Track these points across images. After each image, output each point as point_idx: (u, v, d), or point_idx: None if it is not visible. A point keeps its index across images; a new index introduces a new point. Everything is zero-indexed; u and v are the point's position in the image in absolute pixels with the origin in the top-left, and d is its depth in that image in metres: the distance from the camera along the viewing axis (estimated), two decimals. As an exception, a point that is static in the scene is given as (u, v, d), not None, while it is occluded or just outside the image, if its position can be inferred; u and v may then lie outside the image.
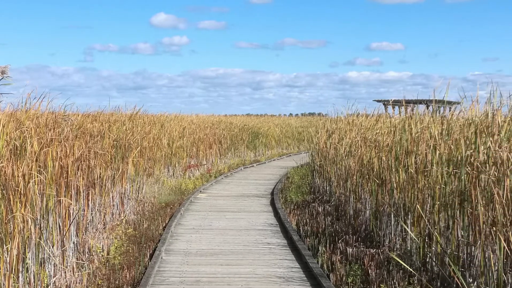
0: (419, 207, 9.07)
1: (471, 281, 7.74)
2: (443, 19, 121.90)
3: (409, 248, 9.49)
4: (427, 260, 8.82)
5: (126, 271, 9.13)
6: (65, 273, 8.77)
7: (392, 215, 10.48)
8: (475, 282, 7.65)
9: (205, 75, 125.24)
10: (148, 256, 10.22)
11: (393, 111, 20.12)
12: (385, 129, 12.56)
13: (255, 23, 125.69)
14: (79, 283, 8.60)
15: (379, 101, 29.92)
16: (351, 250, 10.19)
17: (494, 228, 7.28)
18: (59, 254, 8.92)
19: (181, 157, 23.12)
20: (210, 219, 13.94)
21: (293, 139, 43.45)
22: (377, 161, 11.65)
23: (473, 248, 7.88)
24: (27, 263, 7.96)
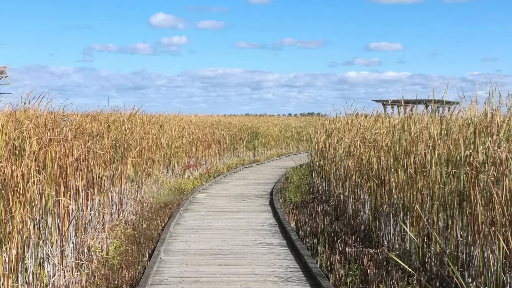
0: (418, 207, 9.08)
1: (470, 281, 7.74)
2: (442, 19, 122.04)
3: (408, 248, 9.48)
4: (426, 260, 8.82)
5: (125, 271, 9.12)
6: (64, 273, 8.77)
7: (391, 215, 10.49)
8: (474, 282, 7.65)
9: (204, 75, 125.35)
10: (147, 256, 10.22)
11: (392, 111, 20.18)
12: (384, 129, 12.57)
13: (254, 23, 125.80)
14: (78, 283, 8.60)
15: (378, 101, 29.95)
16: (350, 250, 10.19)
17: (493, 228, 7.28)
18: (58, 254, 8.92)
19: (180, 157, 23.12)
20: (209, 219, 13.94)
21: (292, 139, 43.44)
22: (376, 161, 11.65)
23: (472, 248, 7.88)
24: (26, 263, 7.96)
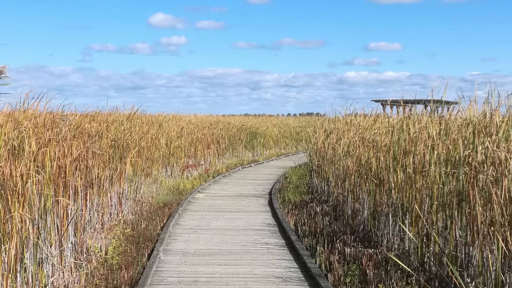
0: (417, 207, 9.08)
1: (469, 281, 7.74)
2: (441, 19, 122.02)
3: (407, 248, 9.49)
4: (425, 260, 8.82)
5: (124, 271, 9.12)
6: (63, 273, 8.76)
7: (390, 215, 10.49)
8: (473, 282, 7.65)
9: (203, 75, 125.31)
10: (146, 256, 10.22)
11: (391, 111, 20.17)
12: (383, 129, 12.57)
13: (253, 23, 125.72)
14: (77, 283, 8.60)
15: (377, 101, 29.97)
16: (349, 250, 10.19)
17: (492, 228, 7.28)
18: (57, 254, 8.91)
19: (179, 157, 23.12)
20: (208, 219, 13.94)
21: (291, 139, 43.44)
22: (375, 161, 11.65)
23: (471, 248, 7.89)
24: (25, 263, 7.96)
